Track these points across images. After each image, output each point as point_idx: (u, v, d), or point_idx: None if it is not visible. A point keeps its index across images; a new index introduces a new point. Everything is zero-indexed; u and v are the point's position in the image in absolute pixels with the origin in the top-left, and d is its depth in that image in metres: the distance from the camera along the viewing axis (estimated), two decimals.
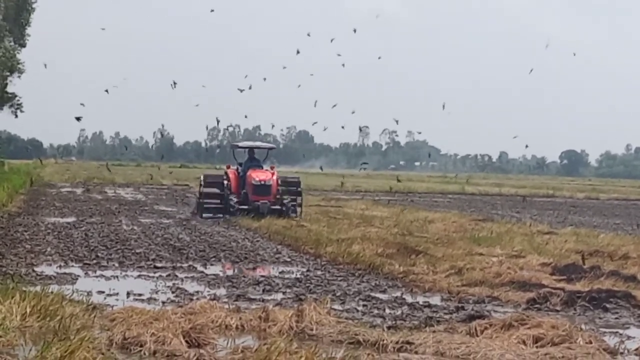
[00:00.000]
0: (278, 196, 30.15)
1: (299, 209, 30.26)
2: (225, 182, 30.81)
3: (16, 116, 57.28)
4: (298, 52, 56.68)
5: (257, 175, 30.15)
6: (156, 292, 14.25)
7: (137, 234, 23.78)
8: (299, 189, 31.22)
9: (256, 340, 10.57)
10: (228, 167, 31.76)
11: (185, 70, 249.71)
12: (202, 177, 32.16)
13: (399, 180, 66.15)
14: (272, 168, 31.41)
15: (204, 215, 30.37)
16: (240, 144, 33.69)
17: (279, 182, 30.67)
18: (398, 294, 14.94)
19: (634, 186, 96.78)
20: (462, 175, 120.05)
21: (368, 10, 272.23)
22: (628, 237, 25.63)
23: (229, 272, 17.14)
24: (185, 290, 14.49)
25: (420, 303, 13.96)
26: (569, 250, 20.87)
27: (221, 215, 29.96)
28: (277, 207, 29.74)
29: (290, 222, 27.00)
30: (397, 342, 10.44)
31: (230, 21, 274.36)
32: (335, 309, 12.57)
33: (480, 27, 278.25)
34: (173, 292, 14.32)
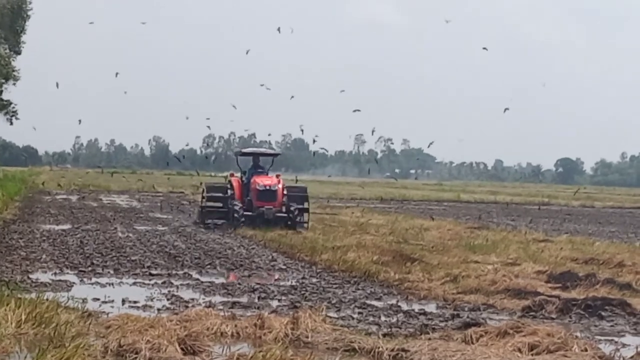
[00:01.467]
0: (284, 204, 28.90)
1: (305, 219, 29.00)
2: (229, 190, 29.85)
3: (11, 123, 57.28)
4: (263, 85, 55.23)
5: (262, 181, 29.02)
6: (151, 300, 14.24)
7: (133, 241, 23.75)
8: (306, 200, 29.61)
9: (251, 347, 10.56)
10: (232, 175, 30.78)
11: (181, 76, 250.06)
12: (204, 186, 31.14)
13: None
14: (277, 176, 30.03)
15: (207, 225, 29.35)
16: (244, 150, 32.44)
17: (285, 190, 29.43)
18: (393, 301, 14.94)
19: (629, 194, 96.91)
20: (457, 183, 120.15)
21: (365, 17, 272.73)
22: (623, 245, 25.67)
23: (232, 281, 17.05)
24: (181, 298, 14.48)
25: (416, 310, 13.96)
26: (564, 258, 20.89)
27: (222, 222, 29.06)
28: (283, 214, 28.70)
29: (287, 230, 26.91)
30: (392, 350, 10.44)
31: (227, 28, 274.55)
32: (330, 317, 12.58)
33: (477, 34, 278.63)
34: (168, 300, 14.31)
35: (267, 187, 28.85)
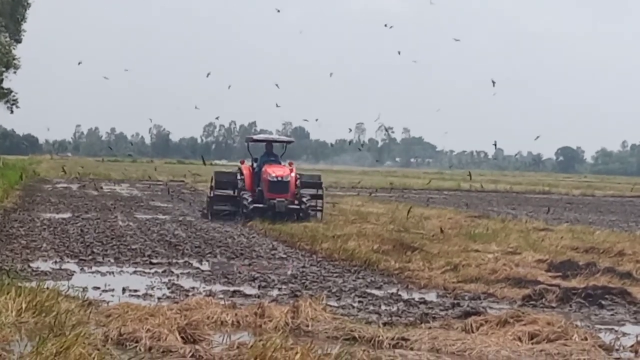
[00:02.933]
0: (297, 195, 27.49)
1: (319, 214, 27.75)
2: (239, 178, 28.32)
3: (12, 112, 57.38)
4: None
5: (274, 171, 27.36)
6: (152, 288, 14.25)
7: (133, 230, 23.76)
8: (320, 189, 28.48)
9: (252, 336, 10.57)
10: (242, 162, 29.32)
11: (181, 66, 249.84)
12: (213, 175, 29.36)
13: None
14: (290, 164, 28.59)
15: (215, 216, 28.00)
16: (255, 137, 30.75)
17: (298, 179, 28.08)
18: (394, 290, 14.95)
19: (630, 183, 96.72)
20: (458, 171, 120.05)
21: (366, 8, 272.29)
22: (624, 233, 25.63)
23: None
24: (181, 287, 14.49)
25: (416, 299, 13.98)
26: (564, 247, 20.88)
27: (231, 212, 27.92)
28: (296, 205, 27.28)
29: (297, 221, 26.43)
30: (392, 339, 10.45)
31: (227, 19, 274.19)
32: (330, 305, 12.58)
33: (477, 25, 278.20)
34: (169, 288, 14.33)
35: (279, 178, 27.25)
